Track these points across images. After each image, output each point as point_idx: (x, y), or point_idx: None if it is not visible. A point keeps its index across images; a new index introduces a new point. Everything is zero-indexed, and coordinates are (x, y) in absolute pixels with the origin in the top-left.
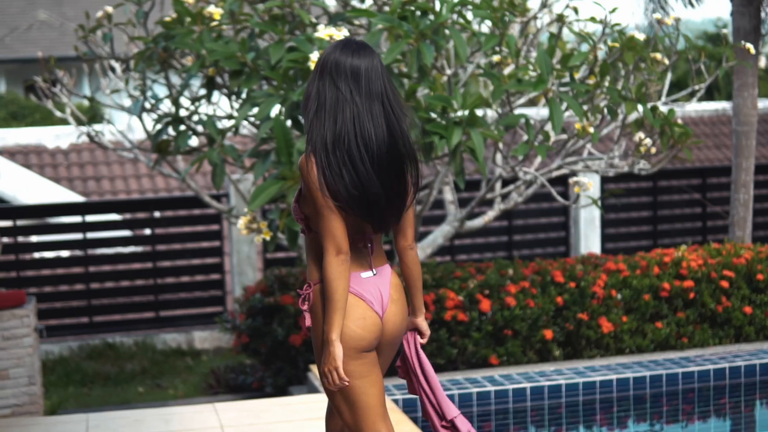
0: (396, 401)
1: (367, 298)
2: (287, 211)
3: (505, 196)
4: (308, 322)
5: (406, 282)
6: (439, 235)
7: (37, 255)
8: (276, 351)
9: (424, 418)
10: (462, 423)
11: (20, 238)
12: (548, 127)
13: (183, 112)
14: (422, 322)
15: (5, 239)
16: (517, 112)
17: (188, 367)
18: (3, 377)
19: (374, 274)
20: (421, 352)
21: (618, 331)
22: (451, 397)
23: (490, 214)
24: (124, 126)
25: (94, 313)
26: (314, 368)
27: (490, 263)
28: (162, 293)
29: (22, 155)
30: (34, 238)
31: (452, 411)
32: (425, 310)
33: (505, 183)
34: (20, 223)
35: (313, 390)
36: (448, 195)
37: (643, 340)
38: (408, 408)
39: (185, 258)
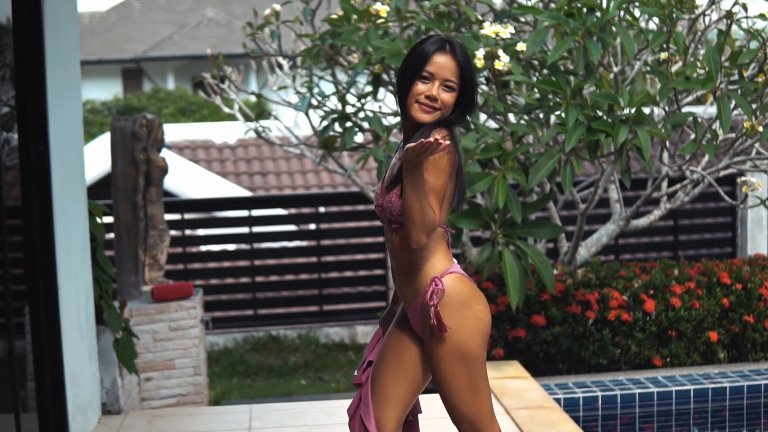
0: (558, 400)
1: None
2: None
3: (671, 196)
4: (443, 322)
5: None
6: (603, 233)
7: (204, 248)
8: None
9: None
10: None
11: (188, 231)
12: (716, 125)
13: (349, 109)
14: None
15: (173, 232)
16: (684, 110)
17: (350, 361)
18: (169, 367)
19: None
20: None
21: None
22: (612, 398)
23: (656, 214)
24: (290, 122)
25: (258, 306)
26: None
27: (655, 263)
28: (326, 287)
29: (190, 150)
30: (201, 232)
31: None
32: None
33: (672, 182)
34: (188, 216)
35: None
36: (614, 193)
37: None
38: (569, 408)
39: (349, 253)
